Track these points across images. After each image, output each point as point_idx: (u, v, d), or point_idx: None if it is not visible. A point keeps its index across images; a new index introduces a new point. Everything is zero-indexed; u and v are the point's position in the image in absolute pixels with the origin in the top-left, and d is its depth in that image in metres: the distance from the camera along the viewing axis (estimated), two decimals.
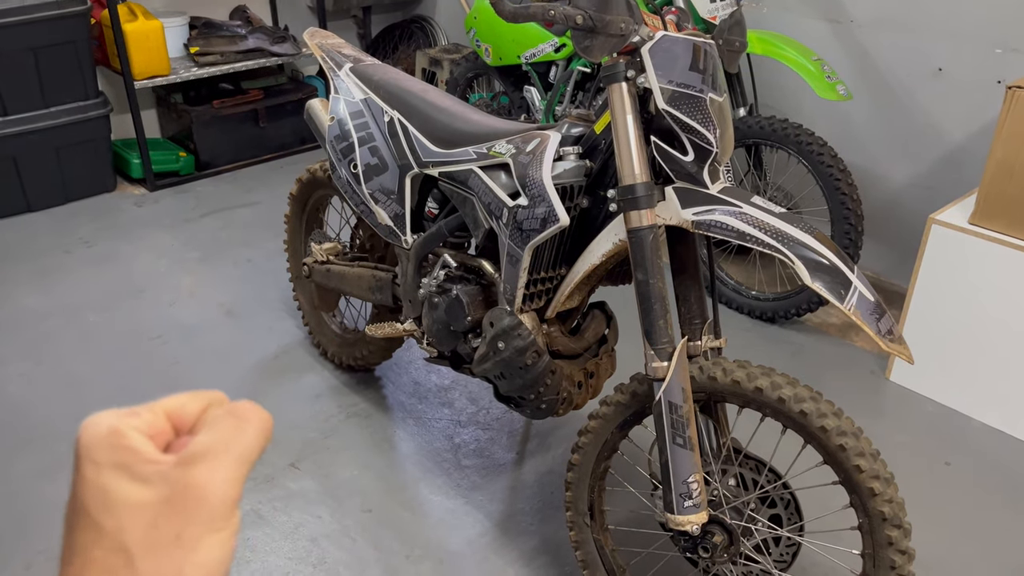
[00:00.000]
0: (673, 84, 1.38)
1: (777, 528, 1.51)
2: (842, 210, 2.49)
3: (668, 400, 1.41)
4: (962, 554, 1.92)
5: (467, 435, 2.27)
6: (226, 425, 0.39)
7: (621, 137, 1.41)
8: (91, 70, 3.45)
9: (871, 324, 1.30)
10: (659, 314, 1.43)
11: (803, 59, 2.47)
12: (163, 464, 0.37)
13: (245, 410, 0.40)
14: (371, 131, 1.94)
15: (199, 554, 0.36)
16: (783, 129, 2.55)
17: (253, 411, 0.41)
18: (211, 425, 0.40)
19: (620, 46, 1.36)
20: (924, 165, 2.79)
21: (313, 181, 2.37)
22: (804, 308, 2.67)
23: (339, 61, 2.08)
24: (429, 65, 4.19)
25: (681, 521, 1.44)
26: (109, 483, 0.37)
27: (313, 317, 2.56)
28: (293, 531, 1.95)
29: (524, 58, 3.16)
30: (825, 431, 1.38)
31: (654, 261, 1.42)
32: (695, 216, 1.40)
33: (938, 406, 2.41)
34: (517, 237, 1.57)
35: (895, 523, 1.35)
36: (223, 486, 0.37)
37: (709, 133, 1.40)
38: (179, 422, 0.41)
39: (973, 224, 2.23)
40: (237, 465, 0.38)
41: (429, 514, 2.00)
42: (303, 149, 4.16)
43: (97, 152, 3.57)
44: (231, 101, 3.86)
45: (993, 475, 2.16)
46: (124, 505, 0.36)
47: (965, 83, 2.63)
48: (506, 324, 1.62)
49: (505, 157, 1.62)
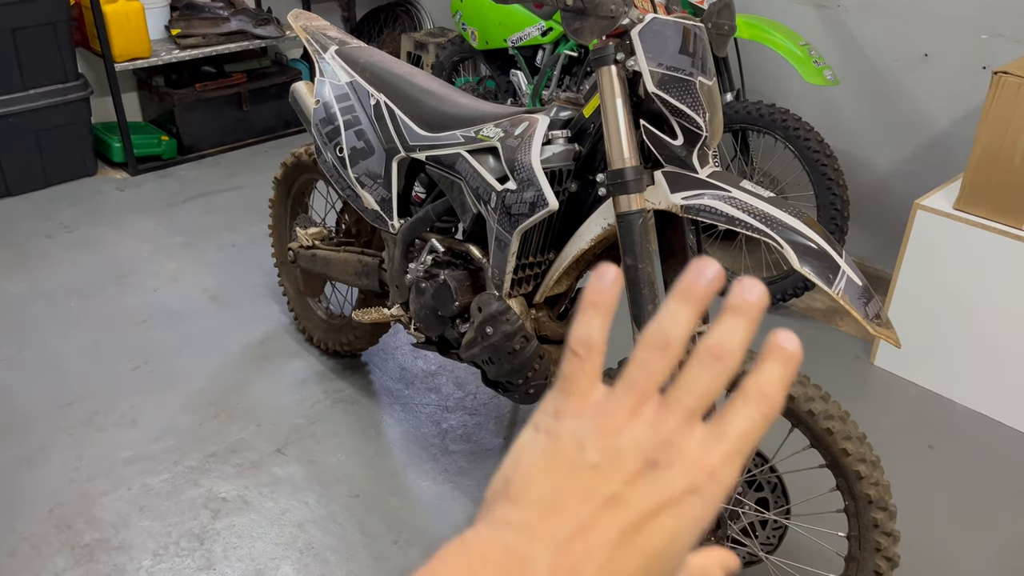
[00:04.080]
0: (663, 67, 1.37)
1: (764, 511, 1.52)
2: (828, 195, 2.49)
3: None
4: (946, 536, 1.95)
5: (454, 420, 2.26)
6: (753, 415, 0.36)
7: (610, 121, 1.41)
8: (70, 52, 3.40)
9: (859, 308, 1.31)
10: (648, 299, 1.43)
11: (791, 44, 2.47)
12: None
13: (772, 394, 0.36)
14: (357, 114, 1.92)
15: None
16: (770, 114, 2.55)
17: (776, 395, 0.36)
18: (741, 409, 0.36)
19: (610, 28, 1.35)
20: (909, 150, 2.81)
21: (298, 165, 2.35)
22: (790, 293, 2.68)
23: (324, 43, 2.06)
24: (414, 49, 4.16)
25: None
26: None
27: (298, 302, 2.54)
28: (280, 517, 1.94)
29: (511, 42, 3.14)
30: (812, 415, 1.39)
31: (643, 246, 1.42)
32: (684, 200, 1.40)
33: (922, 390, 2.43)
34: (505, 221, 1.56)
35: (881, 505, 1.37)
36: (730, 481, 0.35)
37: (699, 117, 1.39)
38: None
39: (958, 209, 2.24)
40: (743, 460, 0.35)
41: (417, 500, 2.00)
42: (287, 133, 4.12)
43: (77, 135, 3.52)
44: (214, 84, 3.81)
45: (976, 459, 2.19)
46: None
47: (951, 69, 2.64)
48: (494, 309, 1.62)
49: (493, 141, 1.61)
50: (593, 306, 0.37)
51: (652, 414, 0.35)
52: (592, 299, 0.37)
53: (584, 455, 0.35)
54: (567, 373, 0.37)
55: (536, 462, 0.35)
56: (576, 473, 0.34)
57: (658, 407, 0.35)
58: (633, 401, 0.35)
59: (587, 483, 0.34)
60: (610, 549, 0.33)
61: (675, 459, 0.34)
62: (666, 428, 0.35)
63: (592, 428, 0.35)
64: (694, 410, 0.35)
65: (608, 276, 0.37)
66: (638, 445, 0.35)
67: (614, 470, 0.34)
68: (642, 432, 0.35)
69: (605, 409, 0.36)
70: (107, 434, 2.17)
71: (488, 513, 0.35)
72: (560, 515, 0.34)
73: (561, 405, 0.36)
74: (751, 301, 0.36)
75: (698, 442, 0.35)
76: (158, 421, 2.22)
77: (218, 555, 1.84)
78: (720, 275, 0.36)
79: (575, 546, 0.33)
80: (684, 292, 0.36)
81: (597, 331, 0.37)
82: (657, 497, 0.34)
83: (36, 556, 1.82)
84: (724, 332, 0.35)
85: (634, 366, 0.36)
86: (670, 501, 0.34)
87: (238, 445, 2.15)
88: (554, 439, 0.36)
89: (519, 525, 0.34)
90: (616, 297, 0.37)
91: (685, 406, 0.35)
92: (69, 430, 2.18)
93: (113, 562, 1.81)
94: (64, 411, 2.24)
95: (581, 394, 0.36)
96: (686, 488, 0.34)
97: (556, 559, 0.33)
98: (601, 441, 0.35)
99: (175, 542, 1.86)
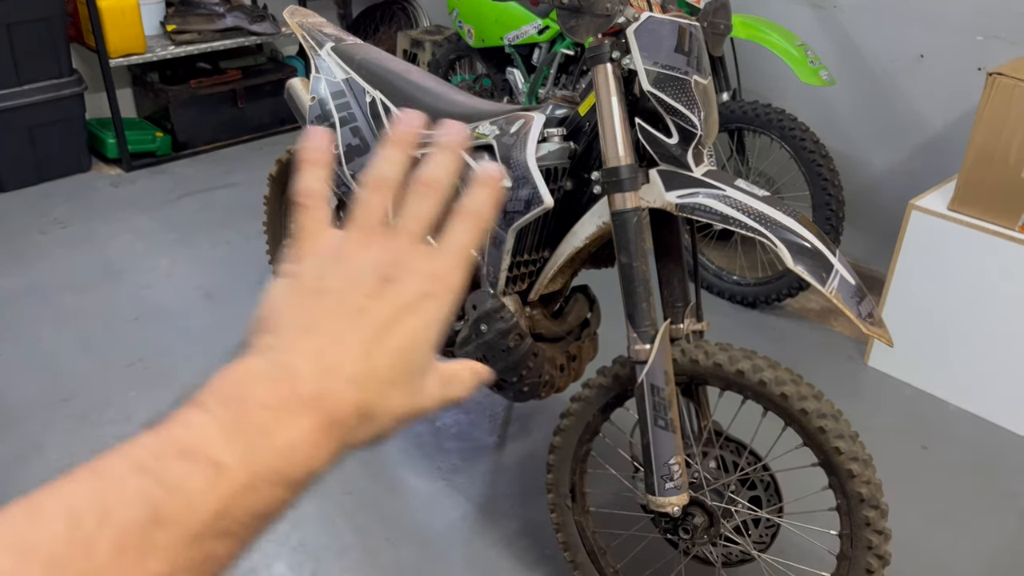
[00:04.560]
0: (658, 66, 1.37)
1: (757, 510, 1.52)
2: (824, 195, 2.50)
3: (650, 382, 1.41)
4: (937, 535, 1.95)
5: (448, 418, 2.26)
6: (468, 229, 0.43)
7: (606, 119, 1.41)
8: (65, 47, 3.39)
9: (852, 307, 1.31)
10: (642, 297, 1.43)
11: (787, 44, 2.47)
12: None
13: (481, 210, 0.43)
14: (353, 111, 1.92)
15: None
16: (766, 114, 2.55)
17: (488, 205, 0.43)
18: (459, 224, 0.42)
19: (606, 26, 1.35)
20: (904, 151, 2.81)
21: (293, 163, 2.34)
22: (784, 293, 2.68)
23: (320, 40, 2.05)
24: (411, 47, 4.16)
25: (662, 503, 1.45)
26: None
27: None
28: None
29: (507, 40, 3.14)
30: (805, 413, 1.39)
31: (638, 244, 1.42)
32: (679, 199, 1.40)
33: (915, 390, 2.43)
34: (500, 219, 1.56)
35: (872, 504, 1.37)
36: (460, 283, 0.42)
37: (694, 116, 1.39)
38: None
39: (952, 210, 2.25)
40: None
41: (410, 497, 2.00)
42: (282, 130, 4.12)
43: (72, 131, 3.51)
44: (209, 81, 3.81)
45: (968, 459, 2.19)
46: None
47: (946, 70, 2.64)
48: (489, 307, 1.61)
49: (489, 138, 1.61)
50: (309, 163, 0.42)
51: (381, 242, 0.41)
52: (307, 157, 0.43)
53: (326, 283, 0.40)
54: (300, 222, 0.42)
55: (285, 299, 0.40)
56: (322, 298, 0.39)
57: (386, 236, 0.41)
58: (362, 235, 0.41)
59: (333, 303, 0.39)
60: (365, 349, 0.38)
61: (407, 273, 0.40)
62: (395, 250, 0.41)
63: (330, 261, 0.40)
64: (417, 233, 0.42)
65: (318, 134, 0.43)
66: (373, 267, 0.40)
67: (355, 290, 0.40)
68: (375, 256, 0.41)
69: (339, 245, 0.41)
70: (102, 431, 2.16)
71: (249, 348, 0.39)
72: (314, 331, 0.38)
73: (298, 251, 0.41)
74: (453, 139, 0.43)
75: (425, 258, 0.41)
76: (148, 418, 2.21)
77: None
78: (424, 123, 0.43)
79: (333, 351, 0.38)
80: (395, 140, 0.43)
81: (318, 182, 0.42)
82: (397, 304, 0.40)
83: None
84: (433, 166, 0.42)
85: (358, 207, 0.42)
86: (409, 305, 0.40)
87: None
88: (297, 278, 0.40)
89: (280, 346, 0.38)
90: (329, 154, 0.43)
91: (409, 231, 0.41)
92: (63, 426, 2.17)
93: None
94: (58, 407, 2.24)
95: (314, 237, 0.42)
96: (421, 293, 0.40)
97: (318, 363, 0.37)
98: (339, 269, 0.40)
99: None
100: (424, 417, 0.44)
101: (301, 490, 0.37)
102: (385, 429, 0.40)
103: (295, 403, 0.36)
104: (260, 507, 0.35)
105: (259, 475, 0.34)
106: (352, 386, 0.37)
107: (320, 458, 0.36)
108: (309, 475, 0.36)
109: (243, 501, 0.34)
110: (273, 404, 0.36)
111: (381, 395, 0.38)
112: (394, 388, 0.39)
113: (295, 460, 0.36)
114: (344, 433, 0.37)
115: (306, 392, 0.36)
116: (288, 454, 0.35)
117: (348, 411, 0.37)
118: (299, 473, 0.36)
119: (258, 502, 0.35)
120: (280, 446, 0.35)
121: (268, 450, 0.35)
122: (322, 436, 0.36)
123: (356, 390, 0.37)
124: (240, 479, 0.34)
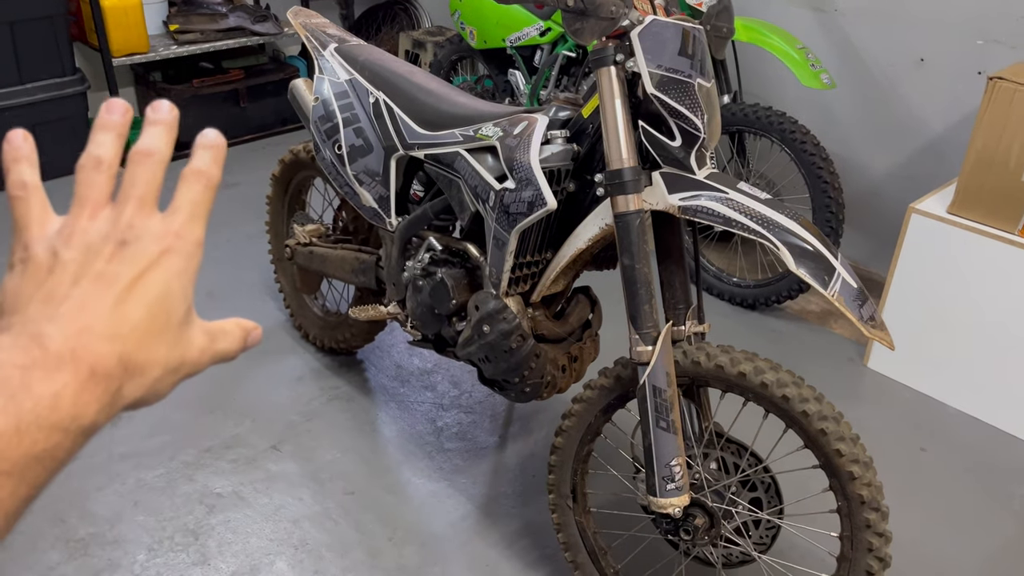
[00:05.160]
0: (662, 69, 1.38)
1: (758, 511, 1.53)
2: (824, 198, 2.51)
3: (652, 384, 1.42)
4: (937, 537, 1.96)
5: (449, 418, 2.27)
6: (196, 187, 0.45)
7: (609, 121, 1.41)
8: (68, 46, 3.39)
9: (853, 310, 1.32)
10: (644, 299, 1.44)
11: (788, 47, 2.48)
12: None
13: (206, 171, 0.45)
14: (356, 112, 1.93)
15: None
16: (767, 117, 2.56)
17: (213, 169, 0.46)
18: (186, 185, 0.45)
19: (610, 29, 1.36)
20: (904, 154, 2.82)
21: (296, 162, 2.35)
22: (784, 295, 2.69)
23: (324, 41, 2.06)
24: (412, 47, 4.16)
25: (663, 504, 1.45)
26: None
27: (295, 299, 2.54)
28: (274, 513, 1.94)
29: (509, 41, 3.14)
30: (807, 415, 1.40)
31: (641, 246, 1.43)
32: (682, 201, 1.41)
33: (915, 393, 2.44)
34: (504, 220, 1.56)
35: (873, 506, 1.38)
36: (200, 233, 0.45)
37: (697, 119, 1.40)
38: None
39: (952, 213, 2.26)
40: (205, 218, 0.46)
41: (412, 497, 2.01)
42: (285, 130, 4.12)
43: (74, 130, 3.52)
44: (211, 80, 3.81)
45: (967, 461, 2.20)
46: None
47: (946, 73, 2.65)
48: (491, 308, 1.62)
49: (492, 140, 1.62)
50: (14, 160, 0.44)
51: (110, 212, 0.43)
52: (11, 156, 0.44)
53: (60, 257, 0.41)
54: (16, 215, 0.43)
55: (19, 281, 0.41)
56: (60, 272, 0.41)
57: (113, 206, 0.43)
58: (88, 210, 0.43)
59: (73, 273, 0.41)
60: (112, 308, 0.40)
61: (141, 234, 0.42)
62: (126, 216, 0.43)
63: (60, 238, 0.42)
64: (144, 197, 0.43)
65: (17, 135, 0.44)
66: (105, 235, 0.42)
67: (92, 257, 0.41)
68: (105, 225, 0.42)
69: (66, 223, 0.43)
70: (101, 429, 2.17)
71: None
72: (59, 300, 0.40)
73: (23, 239, 0.43)
74: (163, 116, 0.45)
75: (159, 220, 0.43)
76: (152, 417, 2.22)
77: (212, 550, 1.84)
78: (127, 109, 0.45)
79: (82, 313, 0.40)
80: (102, 126, 0.44)
81: (29, 175, 0.44)
82: (138, 263, 0.42)
83: (31, 550, 1.82)
84: (148, 138, 0.44)
85: (79, 187, 0.43)
86: (151, 263, 0.42)
87: (233, 441, 2.15)
88: (29, 262, 0.42)
89: (23, 320, 0.40)
90: (33, 147, 0.45)
91: (135, 196, 0.43)
92: None
93: (107, 556, 1.81)
94: None
95: (38, 223, 0.43)
96: (160, 251, 0.43)
97: (69, 325, 0.39)
98: (71, 242, 0.42)
99: (169, 537, 1.87)
100: (197, 371, 0.45)
101: (82, 437, 0.40)
102: (159, 380, 0.42)
103: (50, 361, 0.38)
104: (36, 451, 0.37)
105: (25, 421, 0.37)
106: (109, 340, 0.40)
107: (89, 406, 0.39)
108: (81, 423, 0.39)
109: (14, 444, 0.37)
110: (26, 364, 0.38)
111: (141, 346, 0.41)
112: (153, 338, 0.41)
113: (61, 408, 0.38)
114: (111, 384, 0.40)
115: (57, 350, 0.38)
116: (51, 403, 0.38)
117: (109, 363, 0.40)
118: (67, 421, 0.38)
119: (33, 446, 0.37)
120: (40, 396, 0.37)
121: (28, 400, 0.37)
122: (86, 387, 0.39)
123: (114, 343, 0.40)
124: (6, 425, 0.36)
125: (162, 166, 0.44)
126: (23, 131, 0.45)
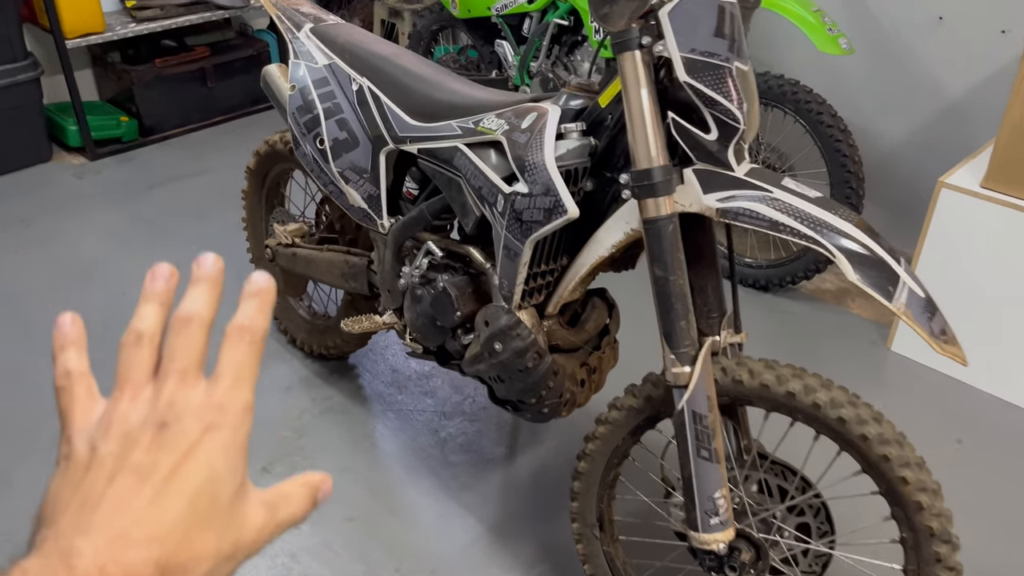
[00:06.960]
0: (695, 52, 1.19)
1: (808, 539, 1.38)
2: (843, 172, 2.34)
3: (692, 410, 1.26)
4: (978, 539, 1.83)
5: (453, 428, 2.11)
6: (240, 347, 0.42)
7: (635, 114, 1.23)
8: (17, 28, 3.13)
9: (924, 325, 1.15)
10: (680, 314, 1.27)
11: (803, 10, 2.29)
12: None
13: (252, 330, 0.43)
14: (338, 101, 1.73)
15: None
16: (779, 86, 2.38)
17: (259, 327, 0.43)
18: (230, 347, 0.42)
19: (641, 10, 1.17)
20: (925, 122, 2.65)
21: (272, 154, 2.14)
22: (800, 275, 2.54)
23: (298, 21, 1.85)
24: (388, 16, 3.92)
25: (707, 540, 1.31)
26: None
27: (279, 302, 2.35)
28: (270, 546, 1.78)
29: (495, 9, 2.92)
30: (866, 439, 1.25)
31: (674, 255, 1.26)
32: (719, 203, 1.23)
33: (944, 377, 2.30)
34: (516, 229, 1.38)
35: (944, 538, 1.24)
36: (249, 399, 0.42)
37: (735, 108, 1.22)
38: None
39: (985, 187, 2.10)
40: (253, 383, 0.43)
41: (418, 520, 1.85)
42: (256, 110, 3.88)
43: (28, 119, 3.27)
44: (175, 59, 3.56)
45: (1009, 453, 2.07)
46: None
47: (967, 33, 2.48)
48: (503, 323, 1.45)
49: (496, 134, 1.43)
50: (61, 348, 0.42)
51: (150, 393, 0.40)
52: (59, 343, 0.42)
53: (97, 452, 0.39)
54: (60, 406, 0.41)
55: (59, 484, 0.39)
56: (96, 467, 0.38)
57: (154, 384, 0.41)
58: (129, 392, 0.40)
59: (110, 469, 0.38)
60: (149, 504, 0.37)
61: (182, 413, 0.39)
62: (166, 394, 0.40)
63: (100, 429, 0.39)
64: (185, 370, 0.41)
65: (66, 321, 0.42)
66: (144, 419, 0.39)
67: (130, 448, 0.38)
68: (144, 408, 0.40)
69: (108, 410, 0.40)
70: None
71: (29, 548, 0.37)
72: (94, 505, 0.37)
73: (66, 432, 0.40)
74: (207, 272, 0.43)
75: (201, 392, 0.40)
76: None
77: None
78: (172, 273, 0.43)
79: (114, 521, 0.36)
80: (146, 295, 0.42)
81: (74, 362, 0.42)
82: (179, 447, 0.39)
83: None
84: (189, 301, 0.42)
85: (120, 366, 0.41)
86: (192, 444, 0.39)
87: None
88: (71, 458, 0.39)
89: (57, 534, 0.36)
90: (81, 331, 0.42)
91: (176, 369, 0.41)
92: (36, 453, 1.99)
93: None
94: (30, 431, 2.05)
95: (82, 413, 0.41)
96: (203, 428, 0.39)
97: (97, 539, 0.36)
98: (110, 433, 0.39)
99: None
100: (259, 549, 0.41)
101: None
102: (211, 573, 0.39)
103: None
104: None
105: None
106: (145, 545, 0.37)
107: None
108: None
109: None
110: None
111: (183, 543, 0.37)
112: (198, 531, 0.38)
113: None
114: None
115: (85, 568, 0.35)
116: None
117: (146, 571, 0.36)
118: None
119: None
120: None
121: None
122: None
123: (151, 547, 0.37)
124: None
125: (204, 331, 0.42)
126: (72, 315, 0.43)
